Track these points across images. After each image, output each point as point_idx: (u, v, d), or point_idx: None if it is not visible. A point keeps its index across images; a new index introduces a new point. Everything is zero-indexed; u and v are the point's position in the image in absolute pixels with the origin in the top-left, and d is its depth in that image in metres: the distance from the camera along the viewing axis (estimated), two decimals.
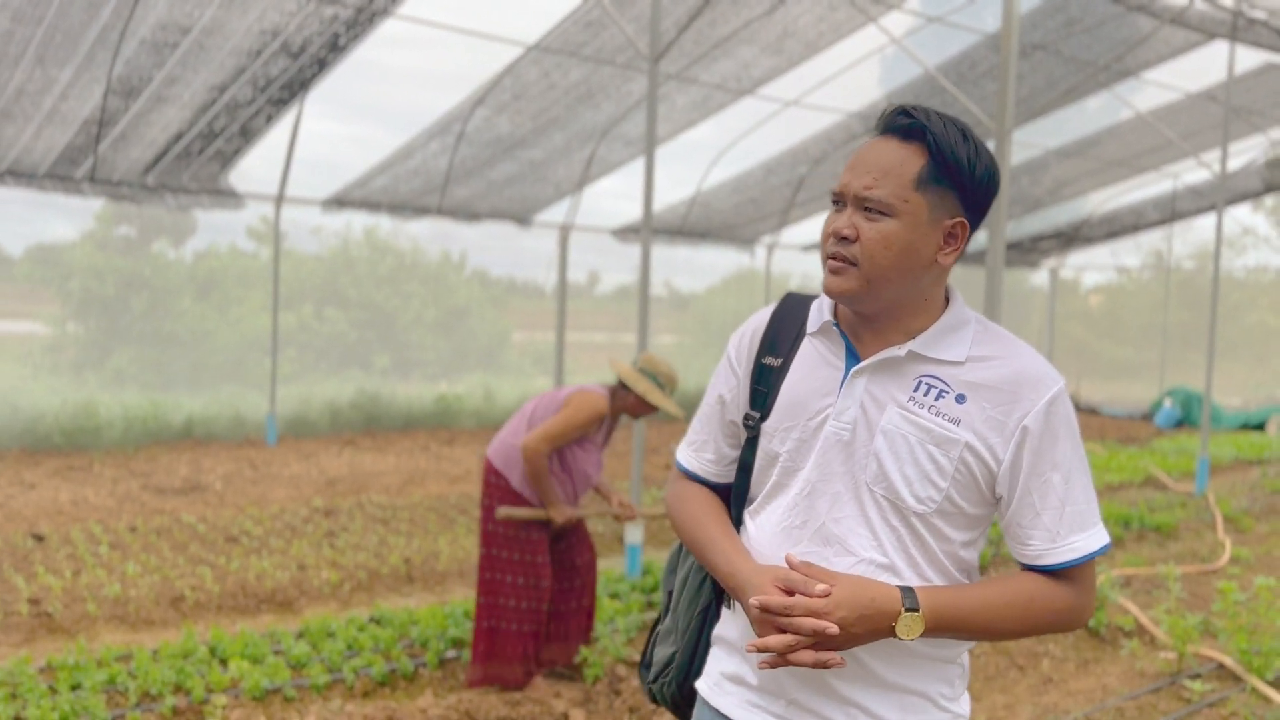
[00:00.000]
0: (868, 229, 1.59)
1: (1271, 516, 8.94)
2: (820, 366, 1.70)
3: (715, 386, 1.85)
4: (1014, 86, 5.86)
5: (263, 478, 9.00)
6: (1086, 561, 1.61)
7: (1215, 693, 4.79)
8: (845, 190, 1.62)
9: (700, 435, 1.87)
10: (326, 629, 5.02)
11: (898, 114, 1.62)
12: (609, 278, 18.70)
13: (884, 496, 1.62)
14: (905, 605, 1.53)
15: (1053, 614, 1.62)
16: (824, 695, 1.65)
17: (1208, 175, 14.56)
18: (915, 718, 1.66)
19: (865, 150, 1.63)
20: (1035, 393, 1.59)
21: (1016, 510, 1.62)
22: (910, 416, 1.61)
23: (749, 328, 1.83)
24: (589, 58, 8.97)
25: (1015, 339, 1.67)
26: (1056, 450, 1.60)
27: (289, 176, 10.17)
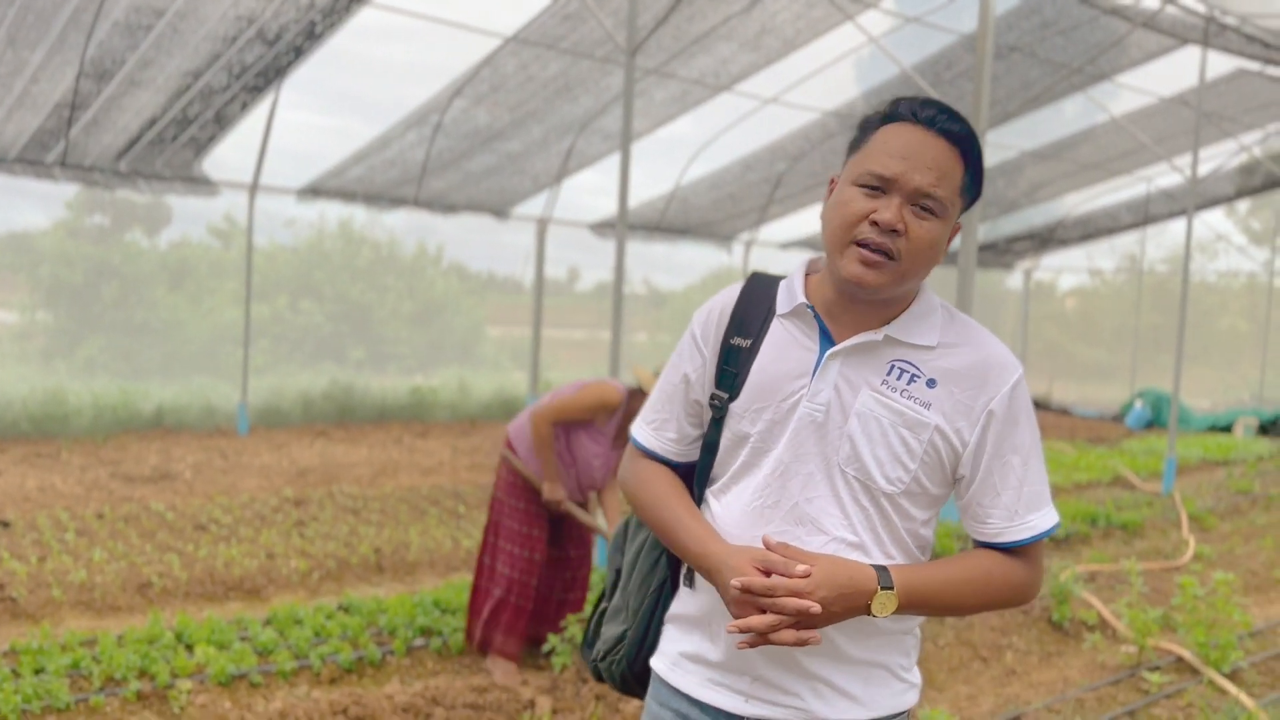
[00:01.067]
0: (917, 226, 1.58)
1: (1235, 516, 9.06)
2: (792, 348, 1.70)
3: (678, 365, 1.83)
4: (989, 88, 5.91)
5: (233, 467, 8.95)
6: (1040, 539, 1.67)
7: (1173, 684, 4.86)
8: (899, 180, 1.58)
9: (661, 414, 1.84)
10: (294, 616, 5.00)
11: (945, 115, 1.60)
12: (589, 274, 18.71)
13: (855, 477, 1.64)
14: (881, 584, 1.57)
15: (1009, 589, 1.67)
16: (790, 671, 1.67)
17: (1180, 179, 14.72)
18: (876, 689, 1.70)
19: (915, 142, 1.59)
20: (1000, 379, 1.65)
21: (978, 490, 1.67)
22: (883, 400, 1.64)
23: (715, 307, 1.81)
24: (567, 50, 8.98)
25: (977, 325, 1.72)
26: (1017, 434, 1.66)
27: (264, 165, 10.11)
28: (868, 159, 1.62)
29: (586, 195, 13.42)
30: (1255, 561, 7.34)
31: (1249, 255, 18.70)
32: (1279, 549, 7.76)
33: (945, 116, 1.59)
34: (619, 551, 2.02)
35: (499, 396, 13.52)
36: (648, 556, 1.89)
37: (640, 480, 1.84)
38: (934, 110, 1.60)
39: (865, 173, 1.61)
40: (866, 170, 1.60)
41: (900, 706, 1.73)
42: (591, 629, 2.06)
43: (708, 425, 1.78)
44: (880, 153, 1.60)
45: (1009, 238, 16.88)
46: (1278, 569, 7.13)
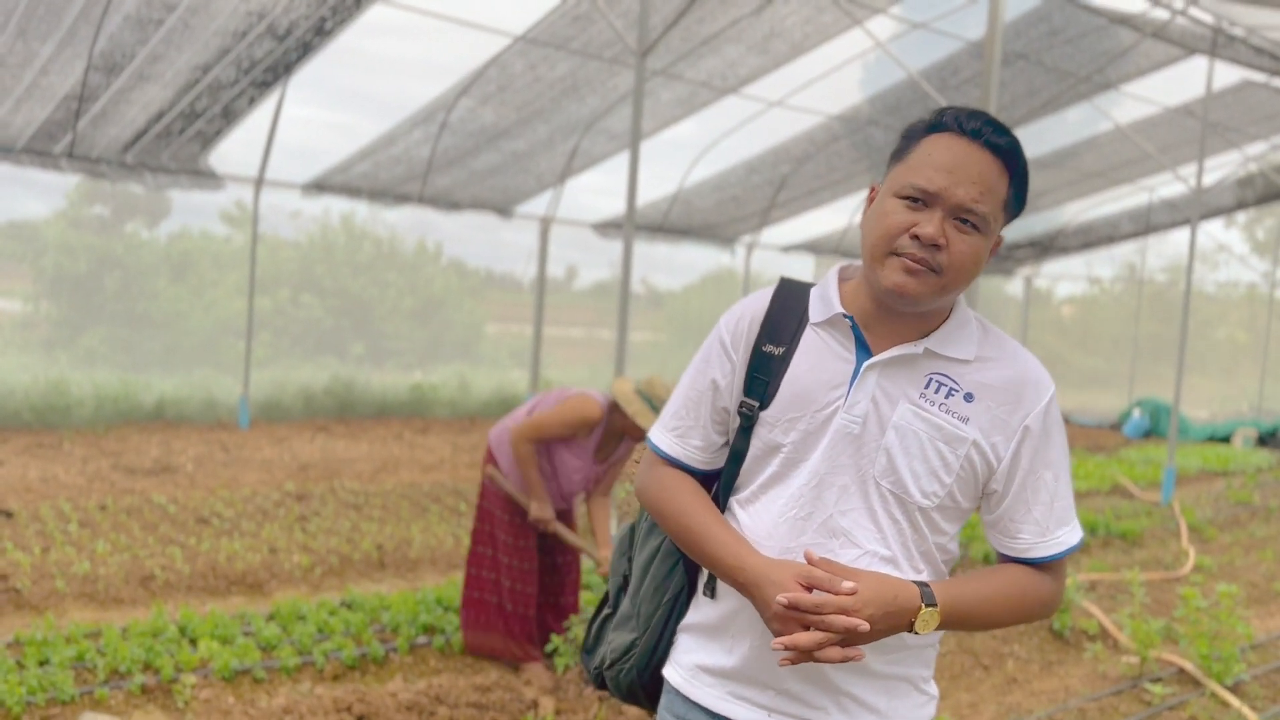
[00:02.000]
0: (959, 241, 1.57)
1: (1234, 527, 9.08)
2: (828, 358, 1.68)
3: (705, 371, 1.77)
4: (996, 94, 5.92)
5: (234, 460, 8.95)
6: (1068, 555, 1.68)
7: (1175, 696, 4.87)
8: (943, 194, 1.56)
9: (685, 421, 1.79)
10: (297, 612, 5.01)
11: (990, 128, 1.57)
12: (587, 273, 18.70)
13: (890, 490, 1.63)
14: (925, 601, 1.55)
15: (1039, 603, 1.68)
16: (816, 685, 1.66)
17: (1183, 189, 14.74)
18: (899, 701, 1.70)
19: (960, 155, 1.57)
20: (1036, 395, 1.65)
21: (1010, 506, 1.66)
22: (922, 413, 1.63)
23: (745, 312, 1.76)
24: (576, 51, 8.98)
25: (1010, 339, 1.72)
26: (1050, 450, 1.66)
27: (269, 160, 10.11)
28: (911, 170, 1.59)
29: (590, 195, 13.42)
30: (1255, 573, 7.36)
31: (1249, 266, 18.75)
32: (1279, 561, 7.77)
33: (991, 129, 1.57)
34: (624, 558, 1.99)
35: (499, 394, 13.52)
36: (662, 564, 1.84)
37: (663, 488, 1.78)
38: (980, 122, 1.57)
39: (908, 184, 1.58)
40: (909, 182, 1.58)
41: (920, 719, 1.73)
42: (592, 635, 2.01)
43: (735, 434, 1.75)
44: (924, 165, 1.58)
45: (1010, 245, 16.90)
46: (1278, 581, 7.15)
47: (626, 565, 1.97)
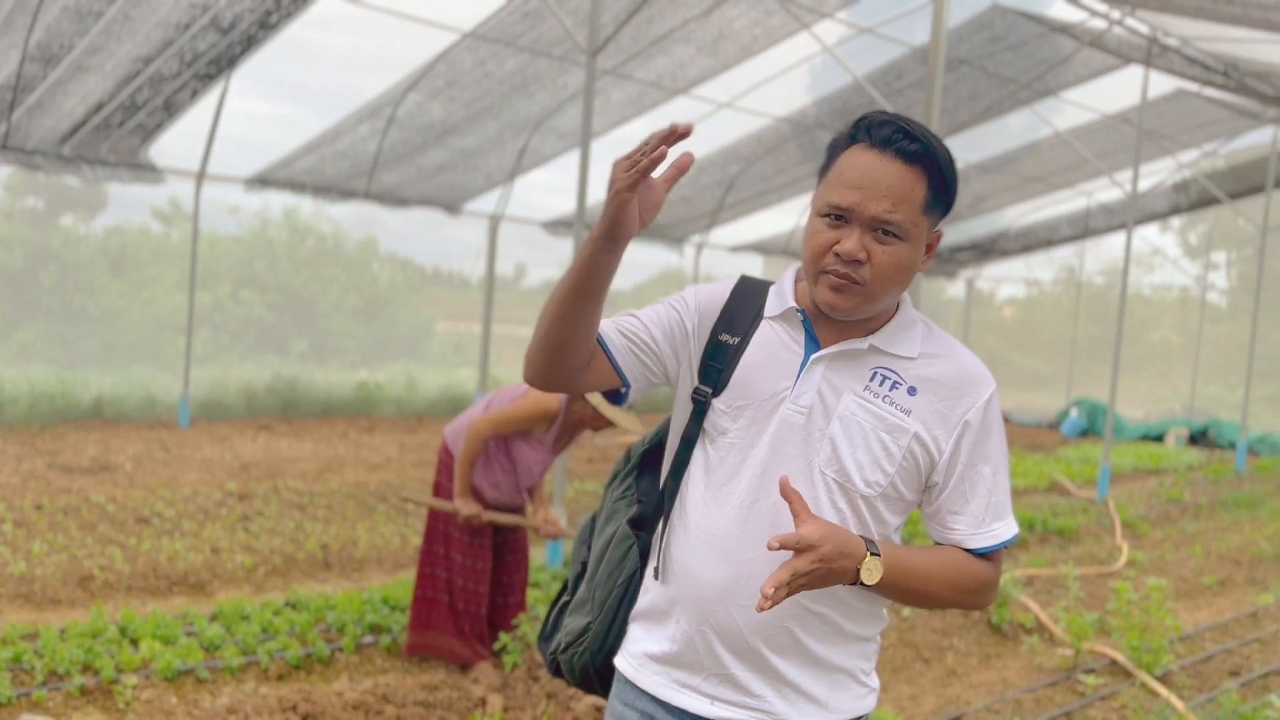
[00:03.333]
0: (880, 252, 1.62)
1: (1166, 523, 9.34)
2: (778, 349, 1.74)
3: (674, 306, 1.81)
4: (940, 99, 6.03)
5: (175, 459, 8.81)
6: (1002, 548, 1.74)
7: (1107, 687, 5.01)
8: (856, 209, 1.61)
9: (634, 317, 1.79)
10: (241, 612, 4.96)
11: (901, 136, 1.61)
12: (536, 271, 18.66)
13: (835, 479, 1.68)
14: (870, 551, 1.60)
15: (975, 586, 1.73)
16: (758, 671, 1.71)
17: (1119, 194, 15.10)
18: (839, 692, 1.75)
19: (869, 169, 1.61)
20: (977, 391, 1.72)
21: (949, 497, 1.72)
22: (866, 405, 1.69)
23: (707, 297, 1.81)
24: (526, 48, 8.97)
25: (954, 340, 1.78)
26: (989, 445, 1.72)
27: (211, 153, 9.96)
28: (828, 189, 1.65)
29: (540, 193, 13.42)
30: (1185, 568, 7.58)
31: (1182, 269, 19.24)
32: (1208, 556, 8.02)
33: (901, 136, 1.61)
34: (584, 545, 2.03)
35: (447, 393, 13.44)
36: (618, 547, 1.88)
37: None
38: (890, 130, 1.62)
39: (826, 204, 1.65)
40: (827, 201, 1.64)
41: (860, 710, 1.78)
42: (550, 622, 2.06)
43: (687, 421, 1.80)
44: (838, 183, 1.63)
45: (952, 247, 17.18)
46: (1206, 575, 7.37)
47: (585, 553, 2.01)
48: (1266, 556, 8.06)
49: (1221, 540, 8.58)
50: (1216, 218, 17.89)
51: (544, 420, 4.34)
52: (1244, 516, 9.81)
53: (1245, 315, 17.32)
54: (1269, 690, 5.06)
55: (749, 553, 1.68)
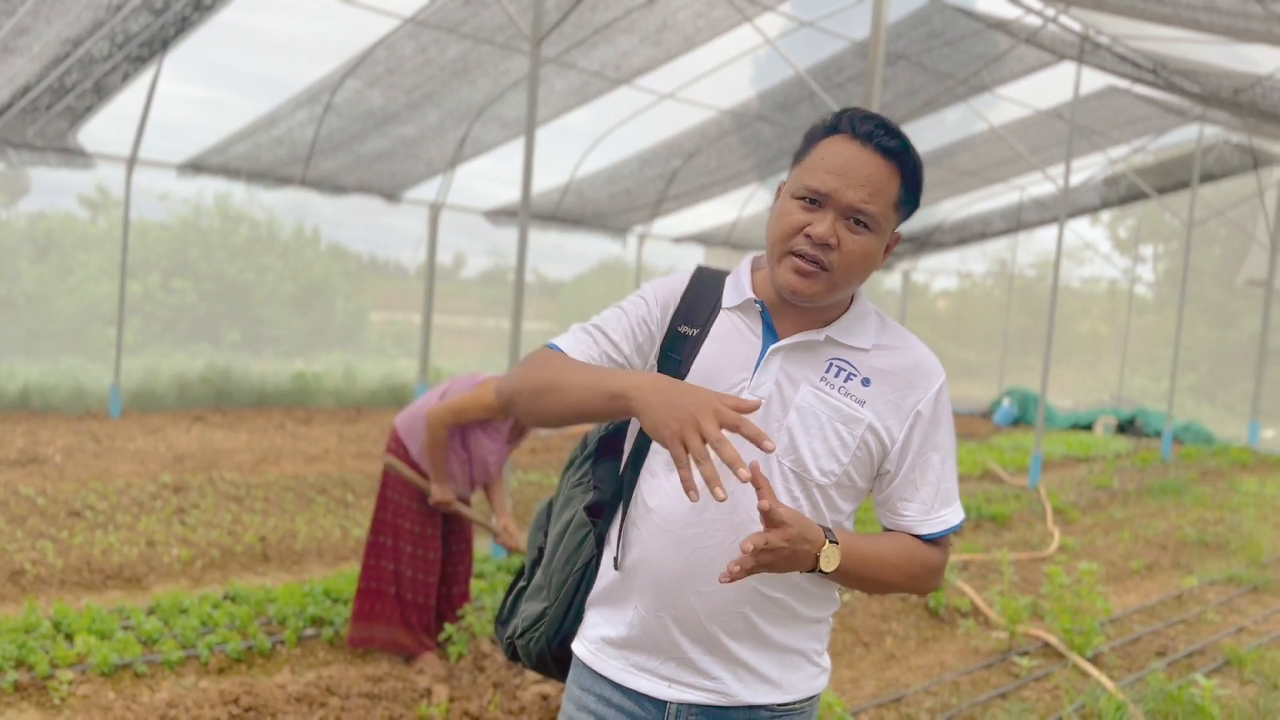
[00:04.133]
0: (850, 241, 1.65)
1: (1095, 510, 9.59)
2: (737, 340, 1.76)
3: (632, 310, 1.80)
4: (879, 93, 6.11)
5: (106, 451, 8.61)
6: (950, 533, 1.79)
7: (1041, 668, 5.15)
8: (834, 195, 1.64)
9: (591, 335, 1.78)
10: (179, 605, 4.87)
11: (882, 131, 1.65)
12: (475, 261, 18.55)
13: (791, 469, 1.71)
14: (829, 539, 1.63)
15: (925, 571, 1.78)
16: (712, 653, 1.74)
17: (1051, 189, 15.44)
18: (793, 673, 1.78)
19: (851, 158, 1.64)
20: (928, 381, 1.76)
21: (900, 485, 1.77)
22: (822, 395, 1.72)
23: (666, 291, 1.82)
24: (468, 35, 8.89)
25: (906, 331, 1.82)
26: (939, 434, 1.77)
27: (143, 138, 9.73)
28: (806, 173, 1.68)
29: (481, 182, 13.29)
30: (1114, 553, 7.80)
31: (1111, 263, 19.75)
32: (1135, 541, 8.26)
33: (883, 132, 1.66)
34: (541, 531, 2.04)
35: (386, 383, 13.30)
36: (575, 534, 1.89)
37: (539, 364, 1.72)
38: (872, 125, 1.66)
39: (803, 186, 1.67)
40: (804, 184, 1.67)
41: (813, 690, 1.82)
42: (506, 607, 2.06)
43: None
44: (818, 167, 1.66)
45: None
46: (1134, 560, 7.59)
47: (542, 539, 2.01)
48: (1191, 541, 8.32)
49: (1148, 526, 8.84)
50: (1144, 212, 18.39)
51: (504, 411, 4.35)
52: (1169, 503, 10.12)
53: (1170, 307, 17.84)
54: (1193, 669, 5.23)
55: (706, 541, 1.70)
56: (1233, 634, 5.91)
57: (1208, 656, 5.48)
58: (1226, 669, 5.30)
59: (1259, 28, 6.91)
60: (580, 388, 1.61)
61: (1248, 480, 11.57)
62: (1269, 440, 15.49)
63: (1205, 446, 14.67)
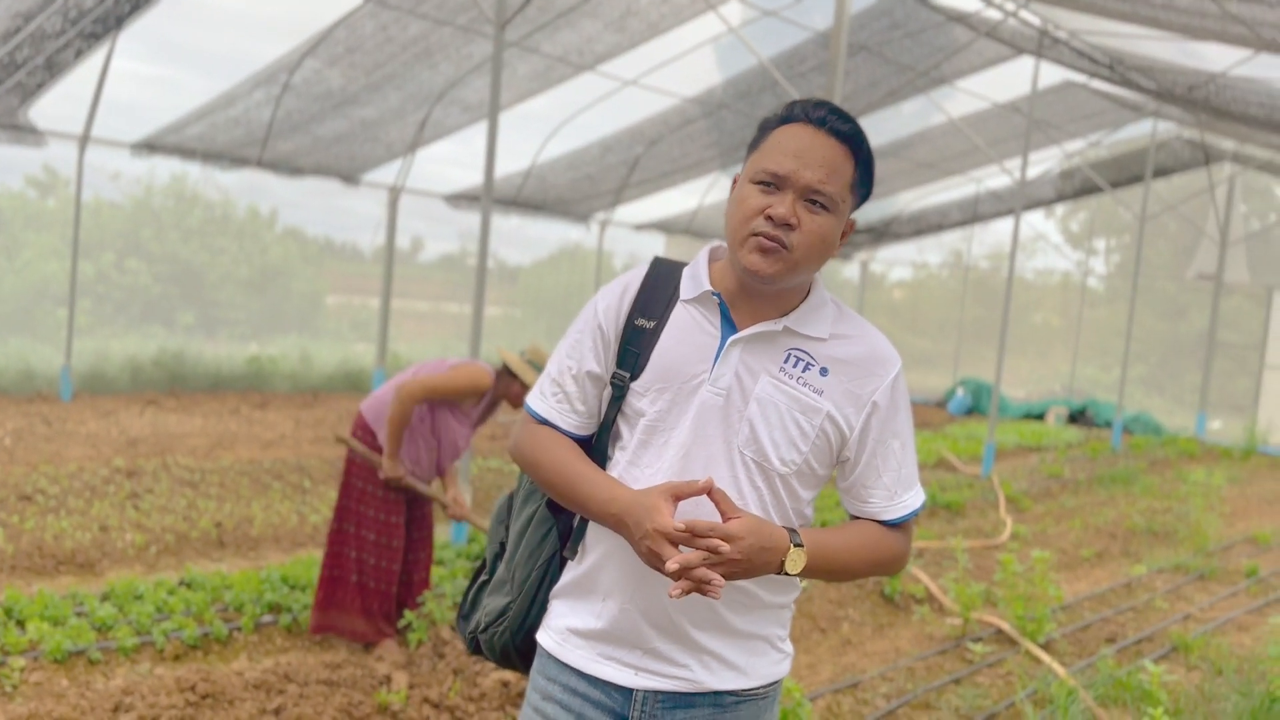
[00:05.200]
0: (809, 220, 1.68)
1: (1047, 498, 9.76)
2: (695, 333, 1.77)
3: (580, 342, 1.84)
4: (842, 84, 6.15)
5: (57, 435, 8.46)
6: (913, 516, 1.82)
7: (994, 654, 5.24)
8: (791, 176, 1.67)
9: (560, 388, 1.84)
10: (133, 591, 4.81)
11: (835, 116, 1.69)
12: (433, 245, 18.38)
13: (753, 459, 1.73)
14: (793, 542, 1.65)
15: (891, 556, 1.81)
16: (679, 643, 1.75)
17: (1008, 181, 15.62)
18: (757, 659, 1.80)
19: (807, 141, 1.69)
20: (884, 370, 1.78)
21: (862, 473, 1.79)
22: (781, 386, 1.74)
23: (619, 288, 1.84)
24: (429, 15, 8.80)
25: (863, 320, 1.84)
26: (897, 420, 1.80)
27: (96, 116, 9.53)
28: (764, 157, 1.71)
29: (442, 166, 13.20)
30: (1065, 541, 7.94)
31: (1064, 255, 20.02)
32: (1086, 529, 8.41)
33: (836, 117, 1.70)
34: (502, 525, 2.04)
35: (343, 368, 13.18)
36: (537, 530, 1.90)
37: (537, 446, 1.83)
38: (825, 111, 1.70)
39: (761, 170, 1.70)
40: (762, 168, 1.70)
41: (777, 675, 1.85)
42: (468, 601, 2.06)
43: (607, 403, 1.82)
44: (775, 151, 1.70)
45: None
46: (1085, 548, 7.73)
47: (504, 532, 2.02)
48: (1140, 530, 8.50)
49: (1099, 514, 9.01)
50: (1098, 206, 18.66)
51: (476, 394, 4.37)
52: (1119, 492, 10.32)
53: (1121, 300, 18.14)
54: (1141, 655, 5.35)
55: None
56: (1180, 621, 6.05)
57: (1156, 643, 5.61)
58: (1174, 655, 5.42)
59: (1214, 26, 7.04)
60: (585, 502, 1.74)
61: (1196, 470, 11.82)
62: (1216, 431, 15.84)
63: (1154, 437, 14.96)
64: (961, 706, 4.50)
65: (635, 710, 1.77)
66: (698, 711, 1.77)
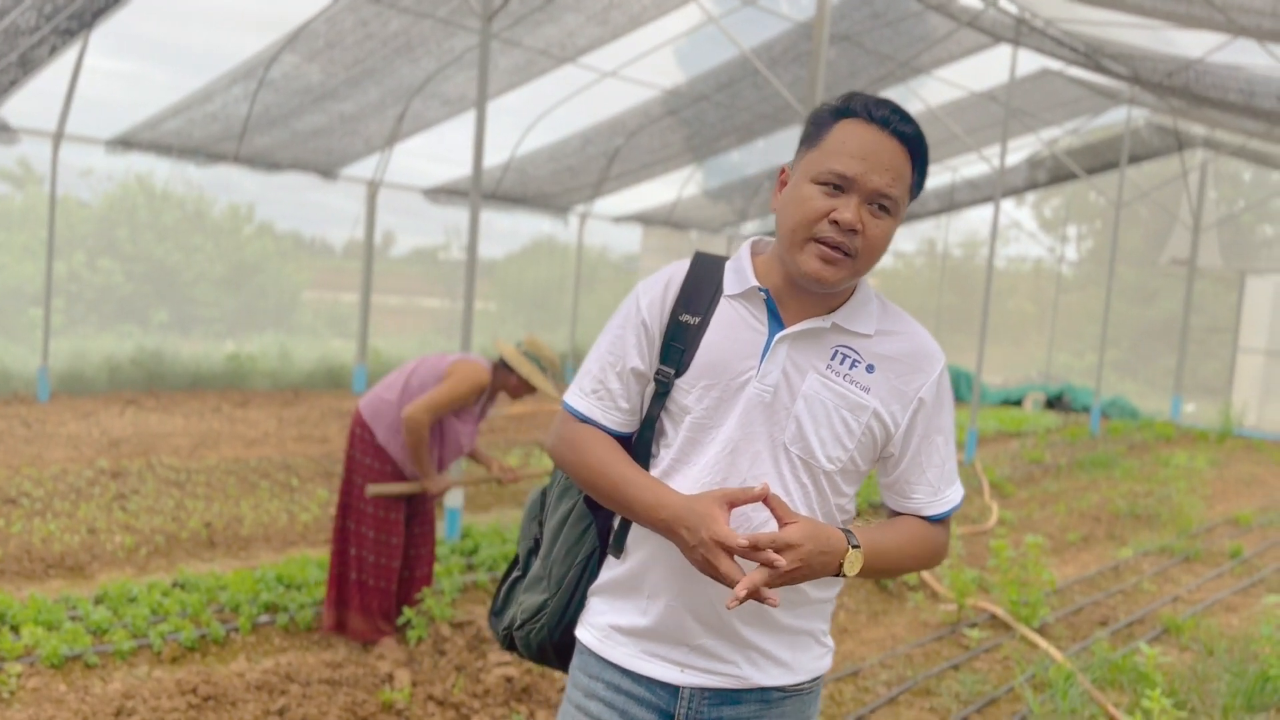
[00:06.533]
0: (874, 225, 1.65)
1: (1030, 484, 9.84)
2: (742, 329, 1.75)
3: (622, 337, 1.81)
4: (824, 74, 6.16)
5: (37, 436, 8.35)
6: (954, 510, 1.83)
7: (990, 640, 5.28)
8: (859, 180, 1.64)
9: (602, 384, 1.81)
10: (127, 594, 4.76)
11: (898, 117, 1.66)
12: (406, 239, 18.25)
13: (799, 456, 1.72)
14: (850, 544, 1.64)
15: (934, 552, 1.82)
16: (727, 640, 1.74)
17: (984, 169, 15.71)
18: (802, 654, 1.80)
19: (872, 142, 1.65)
20: (930, 366, 1.78)
21: (907, 469, 1.79)
22: (828, 383, 1.72)
23: (661, 282, 1.81)
24: (409, 9, 8.73)
25: (907, 316, 1.83)
26: (942, 416, 1.80)
27: (70, 113, 9.40)
28: (827, 157, 1.66)
29: (420, 160, 13.08)
30: (1051, 525, 8.01)
31: (1038, 241, 20.16)
32: (1070, 514, 8.49)
33: (899, 118, 1.66)
34: (535, 522, 2.02)
35: (323, 365, 13.08)
36: (575, 526, 1.88)
37: (580, 445, 1.80)
38: (887, 110, 1.67)
39: (826, 170, 1.65)
40: (828, 169, 1.65)
41: (820, 669, 1.84)
42: (500, 598, 2.04)
43: (650, 400, 1.80)
44: (839, 152, 1.65)
45: None
46: (1070, 532, 7.81)
47: (537, 529, 1.99)
48: (1123, 513, 8.59)
49: (1082, 499, 9.10)
50: (1071, 193, 18.81)
51: (476, 393, 4.36)
52: (1100, 476, 10.42)
53: (1093, 285, 18.30)
54: (1133, 638, 5.41)
55: None
56: (1169, 602, 6.12)
57: (1147, 625, 5.68)
58: (1165, 636, 5.49)
59: (1188, 11, 7.10)
60: (630, 505, 1.71)
61: (1177, 454, 11.96)
62: (1190, 414, 16.03)
63: (1131, 421, 15.12)
64: (962, 692, 4.53)
65: (682, 707, 1.76)
66: (744, 708, 1.77)
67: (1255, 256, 16.49)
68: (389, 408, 4.38)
